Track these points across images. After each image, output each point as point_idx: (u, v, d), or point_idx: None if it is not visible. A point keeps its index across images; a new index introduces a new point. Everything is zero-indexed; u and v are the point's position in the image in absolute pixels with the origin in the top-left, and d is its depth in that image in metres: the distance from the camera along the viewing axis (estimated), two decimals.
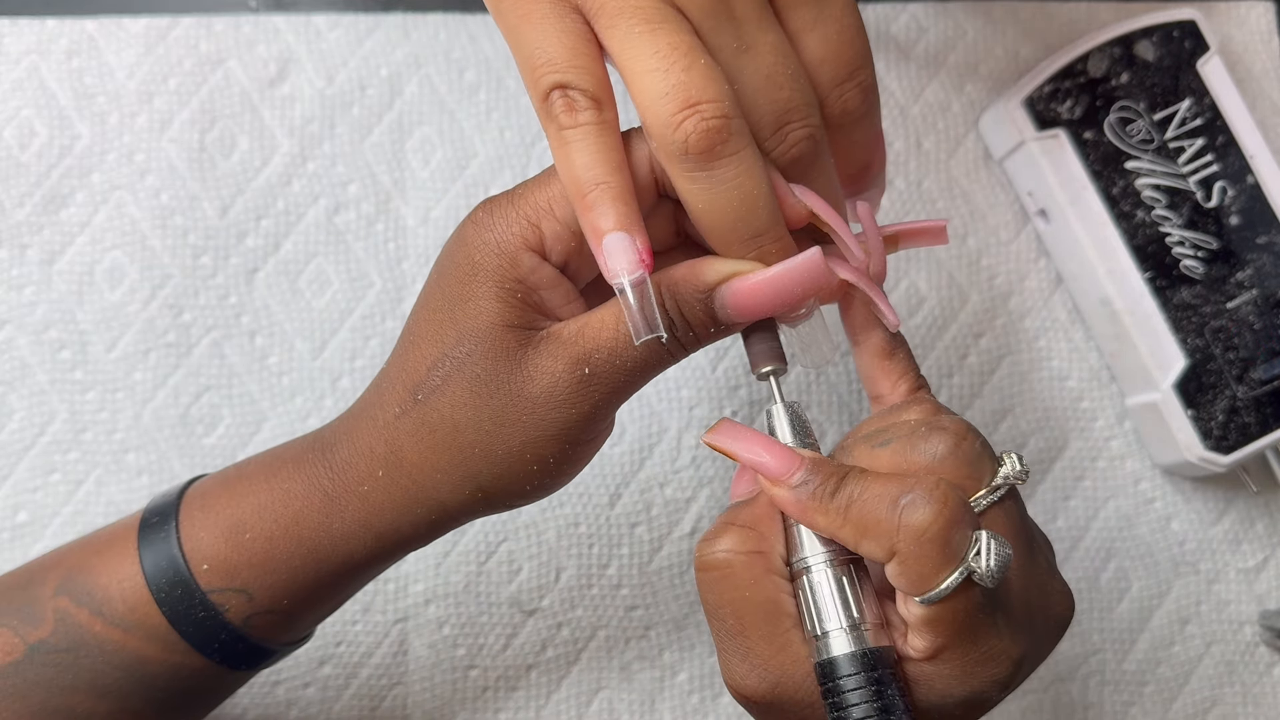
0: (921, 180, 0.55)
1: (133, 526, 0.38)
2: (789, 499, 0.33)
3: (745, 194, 0.32)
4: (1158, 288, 0.51)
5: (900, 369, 0.37)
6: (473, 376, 0.34)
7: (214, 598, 0.36)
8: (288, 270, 0.52)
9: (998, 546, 0.31)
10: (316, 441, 0.38)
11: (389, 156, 0.53)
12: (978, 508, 0.33)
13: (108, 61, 0.53)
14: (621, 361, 0.34)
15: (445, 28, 0.55)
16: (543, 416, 0.34)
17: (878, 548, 0.32)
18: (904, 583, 0.32)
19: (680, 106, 0.31)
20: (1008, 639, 0.33)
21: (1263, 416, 0.50)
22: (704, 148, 0.31)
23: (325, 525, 0.36)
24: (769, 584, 0.34)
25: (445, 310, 0.35)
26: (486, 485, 0.35)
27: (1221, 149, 0.51)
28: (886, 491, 0.32)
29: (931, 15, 0.56)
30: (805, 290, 0.33)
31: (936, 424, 0.34)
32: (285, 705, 0.49)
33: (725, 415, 0.52)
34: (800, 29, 0.33)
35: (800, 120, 0.33)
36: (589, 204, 0.32)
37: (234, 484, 0.38)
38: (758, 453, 0.34)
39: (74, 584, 0.37)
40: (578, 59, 0.32)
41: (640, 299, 0.32)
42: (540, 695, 0.50)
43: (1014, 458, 0.34)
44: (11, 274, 0.51)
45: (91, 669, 0.37)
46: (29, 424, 0.51)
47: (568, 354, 0.34)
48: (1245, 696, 0.52)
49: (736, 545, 0.34)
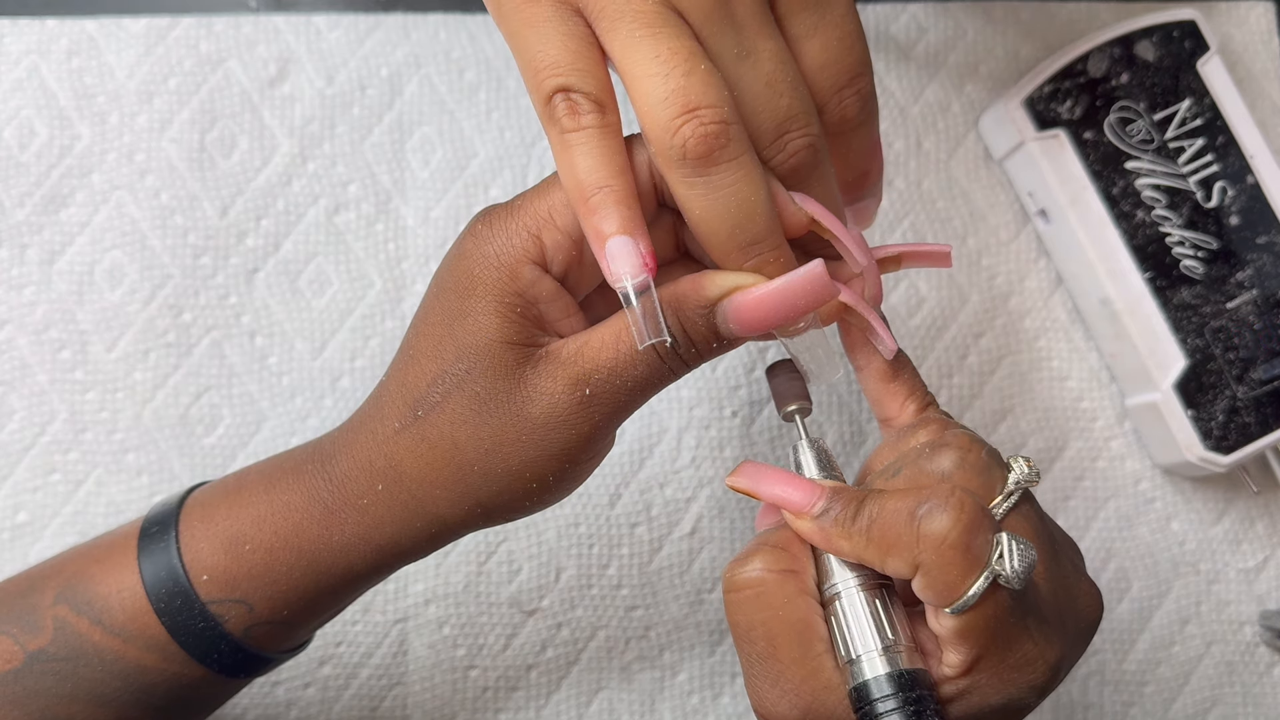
0: (921, 180, 0.55)
1: (133, 535, 0.38)
2: (813, 529, 0.34)
3: (743, 200, 0.32)
4: (1158, 288, 0.51)
5: (906, 390, 0.37)
6: (472, 394, 0.34)
7: (214, 609, 0.36)
8: (288, 270, 0.52)
9: (1020, 547, 0.31)
10: (316, 452, 0.37)
11: (389, 156, 0.53)
12: (995, 516, 0.33)
13: (108, 61, 0.53)
14: (621, 381, 0.33)
15: (445, 28, 0.55)
16: (543, 437, 0.34)
17: (902, 563, 0.32)
18: (931, 594, 0.32)
19: (679, 111, 0.31)
20: (1041, 643, 0.33)
21: (1263, 416, 0.50)
22: (702, 153, 0.31)
23: (325, 538, 0.36)
24: (802, 604, 0.34)
25: (444, 326, 0.35)
26: (485, 501, 0.35)
27: (1221, 149, 0.51)
28: (904, 505, 0.32)
29: (931, 15, 0.56)
30: (809, 303, 0.33)
31: (941, 441, 0.34)
32: (285, 706, 0.49)
33: (725, 415, 0.52)
34: (801, 35, 0.33)
35: (800, 129, 0.33)
36: (592, 208, 0.32)
37: (234, 494, 0.38)
38: (780, 489, 0.34)
39: (74, 592, 0.37)
40: (580, 62, 0.32)
41: (644, 303, 0.32)
42: (540, 695, 0.50)
43: (1021, 461, 0.34)
44: (11, 274, 0.51)
45: (90, 678, 0.37)
46: (29, 424, 0.51)
47: (567, 374, 0.34)
48: (1245, 696, 0.52)
49: (770, 564, 0.34)
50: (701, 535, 0.51)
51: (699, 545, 0.51)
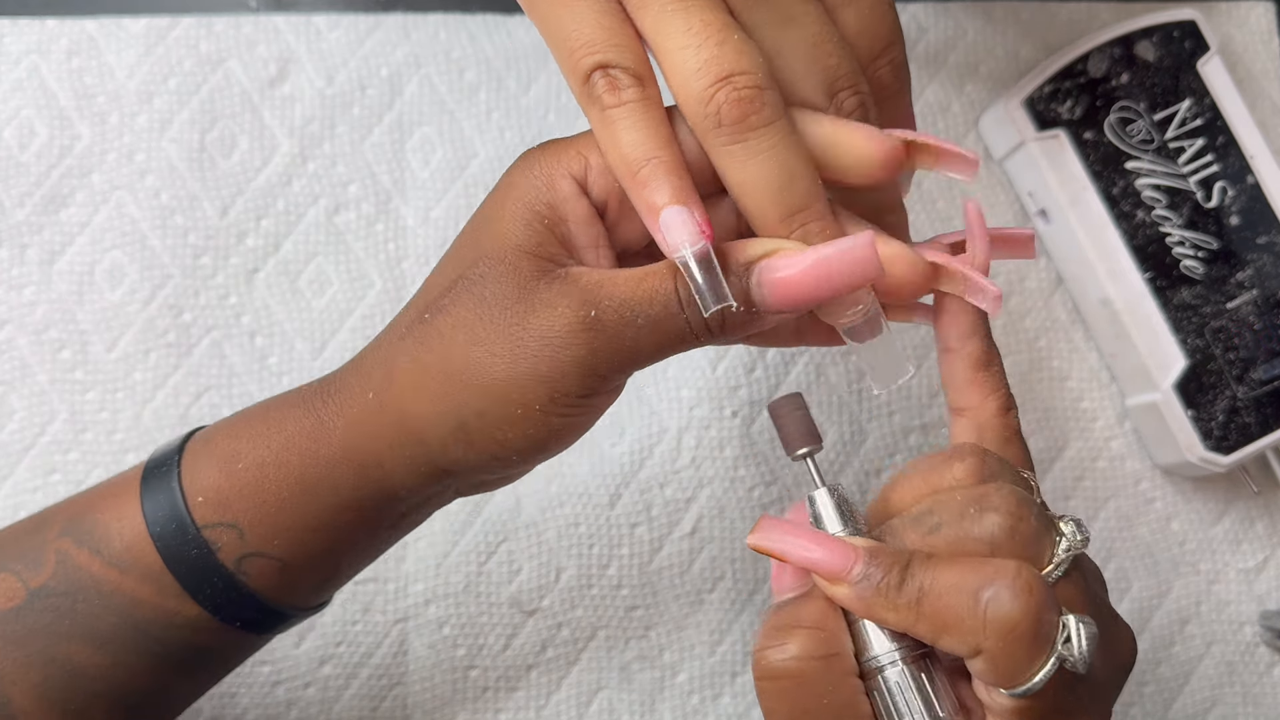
0: (922, 180, 0.55)
1: (139, 468, 0.38)
2: (852, 596, 0.31)
3: (783, 164, 0.31)
4: (1158, 288, 0.51)
5: (994, 383, 0.35)
6: (479, 296, 0.33)
7: (207, 534, 0.35)
8: (288, 270, 0.52)
9: (1086, 630, 0.30)
10: (328, 374, 0.37)
11: (389, 156, 0.53)
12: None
13: (108, 61, 0.53)
14: (632, 314, 0.32)
15: (445, 28, 0.55)
16: (535, 353, 0.32)
17: (961, 645, 0.30)
18: (992, 679, 0.30)
19: (713, 80, 0.31)
20: (1093, 711, 0.31)
21: (1263, 417, 0.50)
22: (737, 116, 0.31)
23: (313, 450, 0.35)
24: (846, 688, 0.32)
25: (471, 232, 0.35)
26: (468, 421, 0.34)
27: (1221, 149, 0.51)
28: (964, 583, 0.30)
29: (931, 15, 0.56)
30: (850, 276, 0.31)
31: (986, 502, 0.31)
32: (285, 705, 0.49)
33: (725, 415, 0.52)
34: (835, 4, 0.33)
35: (851, 87, 0.33)
36: (642, 180, 0.32)
37: (237, 419, 0.37)
38: (809, 550, 0.32)
39: (77, 525, 0.37)
40: (616, 38, 0.32)
41: (705, 269, 0.31)
42: (540, 695, 0.50)
43: (1073, 525, 0.32)
44: (11, 274, 0.51)
45: (88, 613, 0.36)
46: (29, 424, 0.51)
47: (579, 295, 0.32)
48: (1245, 697, 0.52)
49: (810, 650, 0.32)
50: (701, 535, 0.51)
51: (699, 545, 0.51)
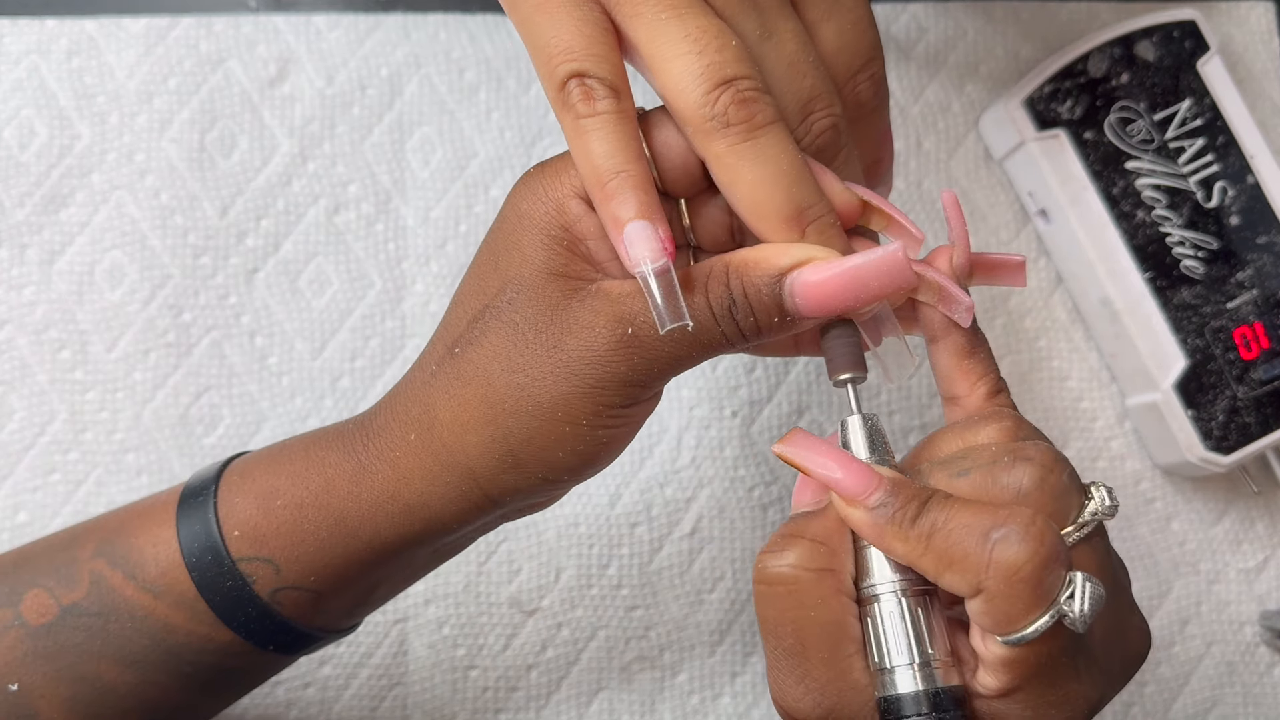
0: (921, 180, 0.55)
1: (176, 494, 0.38)
2: (865, 521, 0.31)
3: (790, 164, 0.32)
4: (1158, 288, 0.51)
5: (981, 369, 0.35)
6: (510, 324, 0.33)
7: (242, 567, 0.36)
8: (288, 270, 0.52)
9: (1092, 589, 0.29)
10: (363, 414, 0.37)
11: (389, 156, 0.53)
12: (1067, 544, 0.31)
13: (108, 61, 0.53)
14: (669, 330, 0.32)
15: (445, 28, 0.55)
16: (576, 371, 0.33)
17: (962, 582, 0.30)
18: (988, 621, 0.30)
19: (715, 84, 0.31)
20: (1086, 683, 0.31)
21: (1263, 416, 0.50)
22: (745, 116, 0.31)
23: (354, 494, 0.36)
24: (837, 604, 0.32)
25: (490, 263, 0.34)
26: (517, 449, 0.34)
27: (1221, 149, 0.51)
28: (976, 523, 0.30)
29: (931, 15, 0.56)
30: (883, 286, 0.31)
31: (1021, 453, 0.31)
32: (285, 705, 0.49)
33: (725, 415, 0.52)
34: (815, 19, 0.33)
35: (824, 109, 0.33)
36: (609, 193, 0.32)
37: (275, 454, 0.37)
38: (832, 469, 0.32)
39: (112, 547, 0.37)
40: (595, 47, 0.32)
41: (664, 287, 0.31)
42: (540, 695, 0.50)
43: (1104, 491, 0.32)
44: (11, 274, 0.51)
45: (120, 635, 0.36)
46: (29, 424, 0.51)
47: (612, 311, 0.32)
48: (1245, 696, 0.52)
49: (806, 561, 0.32)
50: (701, 535, 0.51)
51: (699, 545, 0.51)
